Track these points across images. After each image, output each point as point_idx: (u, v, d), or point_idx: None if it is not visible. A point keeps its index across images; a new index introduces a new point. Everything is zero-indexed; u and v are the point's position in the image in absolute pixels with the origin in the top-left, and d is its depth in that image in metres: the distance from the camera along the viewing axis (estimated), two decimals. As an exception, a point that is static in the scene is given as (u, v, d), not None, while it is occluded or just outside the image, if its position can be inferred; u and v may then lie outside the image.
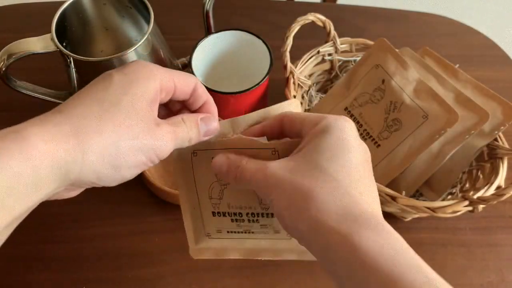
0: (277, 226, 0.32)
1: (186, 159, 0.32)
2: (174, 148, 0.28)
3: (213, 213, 0.33)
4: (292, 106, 0.33)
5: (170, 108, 0.33)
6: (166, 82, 0.28)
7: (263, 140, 0.30)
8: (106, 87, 0.27)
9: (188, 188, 0.33)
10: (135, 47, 0.45)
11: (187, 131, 0.29)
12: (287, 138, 0.31)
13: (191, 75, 0.31)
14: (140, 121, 0.26)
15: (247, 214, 0.32)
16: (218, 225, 0.34)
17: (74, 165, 0.24)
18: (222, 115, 0.50)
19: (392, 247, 0.24)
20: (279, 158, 0.29)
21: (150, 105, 0.27)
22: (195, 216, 0.34)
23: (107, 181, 0.26)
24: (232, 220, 0.33)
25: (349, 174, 0.26)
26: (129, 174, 0.27)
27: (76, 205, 0.52)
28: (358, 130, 0.51)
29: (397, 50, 0.52)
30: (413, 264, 0.23)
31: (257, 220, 0.32)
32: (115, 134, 0.25)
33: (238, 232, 0.34)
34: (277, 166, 0.27)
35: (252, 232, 0.33)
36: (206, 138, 0.30)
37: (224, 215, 0.33)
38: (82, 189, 0.29)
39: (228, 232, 0.34)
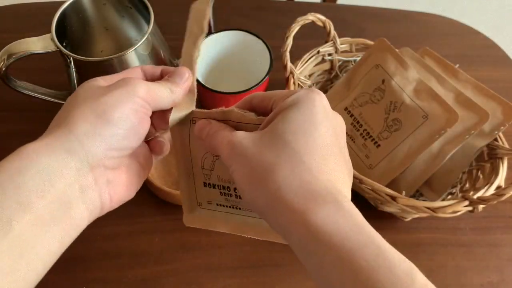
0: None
1: (185, 126, 0.32)
2: (153, 93, 0.30)
3: (204, 184, 0.33)
4: None
5: None
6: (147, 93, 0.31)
7: (253, 115, 0.30)
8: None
9: (184, 155, 0.33)
10: (135, 47, 0.45)
11: (164, 83, 0.31)
12: None
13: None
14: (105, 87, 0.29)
15: (235, 189, 0.32)
16: (208, 197, 0.34)
17: (74, 145, 0.26)
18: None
19: (347, 224, 0.23)
20: None
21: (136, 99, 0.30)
22: (189, 184, 0.34)
23: (118, 149, 0.28)
24: (220, 193, 0.33)
25: (313, 150, 0.26)
26: (131, 122, 0.28)
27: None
28: (358, 130, 0.52)
29: (397, 50, 0.52)
30: (368, 239, 0.23)
31: None
32: (87, 101, 0.28)
33: (226, 206, 0.34)
34: (242, 136, 0.27)
35: (239, 208, 0.33)
36: (185, 84, 0.32)
37: (214, 187, 0.33)
38: (122, 193, 0.31)
39: (217, 204, 0.34)
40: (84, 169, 0.27)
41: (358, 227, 0.24)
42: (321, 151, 0.26)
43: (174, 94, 0.31)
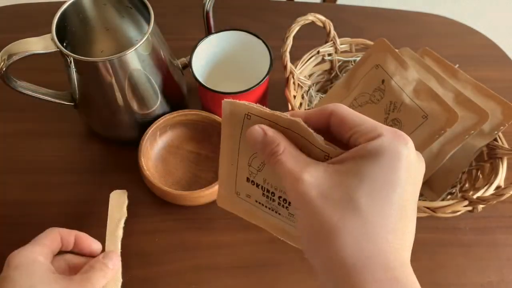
0: (297, 232, 0.31)
1: (238, 119, 0.30)
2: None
3: (247, 179, 0.32)
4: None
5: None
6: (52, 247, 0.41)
7: (321, 139, 0.27)
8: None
9: (231, 146, 0.31)
10: (135, 47, 0.45)
11: (100, 270, 0.40)
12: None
13: (53, 232, 0.42)
14: None
15: (280, 197, 0.31)
16: (249, 191, 0.32)
17: None
18: (220, 116, 0.50)
19: None
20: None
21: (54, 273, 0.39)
22: (230, 171, 0.32)
23: None
24: (263, 194, 0.32)
25: (386, 217, 0.23)
26: None
27: (76, 205, 0.53)
28: (358, 130, 0.51)
29: (397, 50, 0.52)
30: None
31: (287, 207, 0.31)
32: None
33: (266, 207, 0.32)
34: (311, 184, 0.24)
35: (279, 214, 0.32)
36: (115, 270, 0.42)
37: (257, 186, 0.31)
38: None
39: (256, 201, 0.33)
40: None
41: None
42: (395, 216, 0.23)
43: (105, 279, 0.41)
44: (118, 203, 0.50)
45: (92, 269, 0.40)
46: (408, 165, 0.24)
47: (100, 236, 0.50)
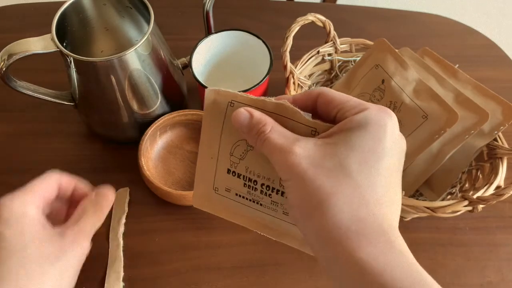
0: (287, 208, 0.31)
1: (221, 107, 0.29)
2: (92, 234, 0.36)
3: (228, 170, 0.31)
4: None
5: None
6: (45, 192, 0.37)
7: (308, 116, 0.27)
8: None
9: (212, 136, 0.31)
10: (135, 47, 0.45)
11: (93, 214, 0.37)
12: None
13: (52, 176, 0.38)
14: (36, 247, 0.33)
15: (262, 185, 0.30)
16: (228, 184, 0.32)
17: None
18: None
19: (398, 264, 0.23)
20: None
21: (44, 225, 0.35)
22: (209, 165, 0.32)
23: None
24: (244, 185, 0.31)
25: (376, 183, 0.24)
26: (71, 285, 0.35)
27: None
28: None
29: (397, 50, 0.52)
30: (419, 280, 0.22)
31: (270, 194, 0.31)
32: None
33: (246, 199, 0.32)
34: (302, 155, 0.25)
35: (260, 204, 0.31)
36: (108, 209, 0.38)
37: (238, 176, 0.31)
38: None
39: (236, 194, 0.32)
40: None
41: (409, 267, 0.23)
42: (383, 184, 0.25)
43: (100, 222, 0.38)
44: (120, 200, 0.52)
45: (85, 214, 0.37)
46: (393, 136, 0.25)
47: (100, 235, 0.50)
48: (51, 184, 0.38)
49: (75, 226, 0.36)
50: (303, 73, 0.56)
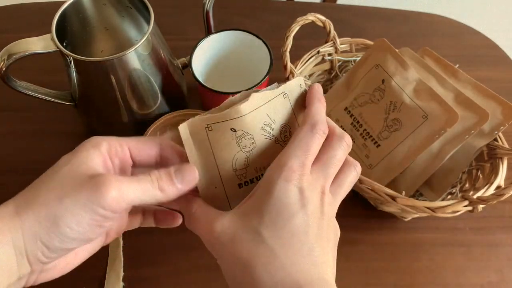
0: None
1: (201, 136, 0.30)
2: (129, 196, 0.26)
3: (240, 185, 0.31)
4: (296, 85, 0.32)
5: None
6: (115, 148, 0.29)
7: (275, 86, 0.29)
8: (53, 167, 0.28)
9: (207, 168, 0.30)
10: (135, 47, 0.45)
11: (150, 180, 0.27)
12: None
13: (154, 139, 0.31)
14: (72, 179, 0.26)
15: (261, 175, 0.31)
16: (243, 195, 0.31)
17: (18, 238, 0.25)
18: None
19: None
20: (289, 102, 0.30)
21: (92, 166, 0.27)
22: (217, 194, 0.32)
23: (55, 245, 0.26)
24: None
25: (287, 245, 0.26)
26: (75, 233, 0.25)
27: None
28: (358, 130, 0.52)
29: (397, 50, 0.52)
30: None
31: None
32: (47, 196, 0.25)
33: None
34: (221, 229, 0.27)
35: None
36: (184, 187, 0.29)
37: (252, 181, 0.31)
38: (56, 272, 0.30)
39: None
40: (21, 260, 0.25)
41: None
42: (295, 243, 0.26)
43: (162, 194, 0.28)
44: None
45: (141, 176, 0.28)
46: (296, 196, 0.27)
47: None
48: (147, 148, 0.31)
49: (118, 176, 0.27)
50: (303, 73, 0.56)
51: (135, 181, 0.27)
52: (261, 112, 0.29)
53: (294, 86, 0.32)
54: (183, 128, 0.30)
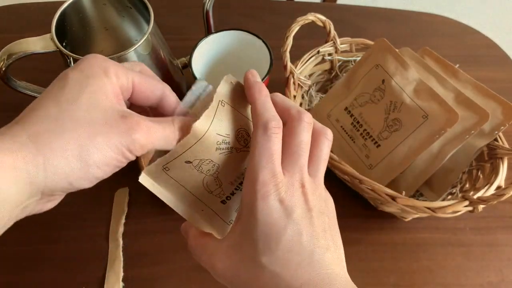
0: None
1: (163, 178, 0.30)
2: (154, 143, 0.26)
3: (223, 202, 0.32)
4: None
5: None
6: (121, 79, 0.26)
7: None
8: (62, 86, 0.25)
9: (185, 200, 0.31)
10: (135, 47, 0.45)
11: (173, 130, 0.27)
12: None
13: (161, 82, 0.29)
14: (101, 114, 0.24)
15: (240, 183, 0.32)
16: (235, 208, 0.33)
17: (37, 173, 0.22)
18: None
19: None
20: (230, 106, 0.29)
21: (111, 98, 0.25)
22: (207, 216, 0.32)
23: (79, 183, 0.24)
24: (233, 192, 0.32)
25: (286, 263, 0.26)
26: (102, 172, 0.25)
27: (76, 205, 0.53)
28: (358, 130, 0.51)
29: (397, 50, 0.52)
30: None
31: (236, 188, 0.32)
32: (75, 133, 0.23)
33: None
34: (222, 266, 0.28)
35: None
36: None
37: (233, 194, 0.32)
38: (60, 198, 0.28)
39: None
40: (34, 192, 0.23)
41: None
42: (294, 257, 0.26)
43: (175, 143, 0.28)
44: (120, 200, 0.52)
45: (165, 121, 0.27)
46: (281, 213, 0.26)
47: (100, 235, 0.50)
48: (151, 89, 0.28)
49: (147, 119, 0.26)
50: (303, 73, 0.56)
51: (161, 128, 0.26)
52: (210, 135, 0.28)
53: (225, 87, 0.30)
54: (144, 178, 0.30)
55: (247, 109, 0.30)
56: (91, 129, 0.23)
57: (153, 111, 0.30)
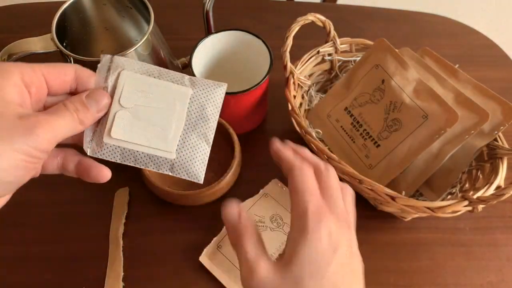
0: None
1: (220, 260, 0.45)
2: (59, 135, 0.27)
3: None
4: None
5: None
6: (29, 76, 0.26)
7: None
8: None
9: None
10: (135, 47, 0.45)
11: (70, 114, 0.27)
12: None
13: (69, 64, 0.29)
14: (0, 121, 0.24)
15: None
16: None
17: None
18: (222, 115, 0.50)
19: None
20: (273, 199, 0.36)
21: (10, 100, 0.25)
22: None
23: None
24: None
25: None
26: (12, 176, 0.25)
27: (76, 205, 0.53)
28: (358, 130, 0.52)
29: (397, 50, 0.52)
30: None
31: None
32: None
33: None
34: (266, 274, 0.28)
35: None
36: (100, 114, 0.29)
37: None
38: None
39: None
40: None
41: None
42: (338, 283, 0.28)
43: (83, 125, 0.28)
44: (120, 200, 0.52)
45: (60, 110, 0.27)
46: (328, 238, 0.28)
47: (100, 235, 0.50)
48: (63, 73, 0.29)
49: (44, 114, 0.26)
50: (303, 73, 0.56)
51: (60, 117, 0.27)
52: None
53: (272, 186, 0.39)
54: (203, 258, 0.45)
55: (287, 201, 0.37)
56: None
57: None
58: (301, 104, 0.57)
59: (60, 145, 0.29)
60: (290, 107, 0.51)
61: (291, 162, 0.31)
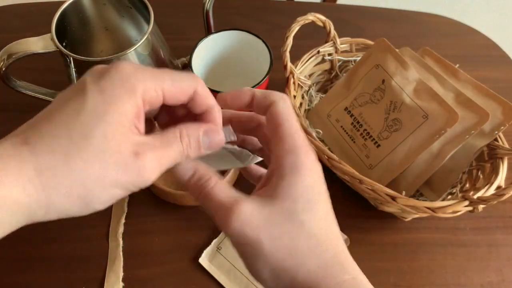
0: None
1: (219, 261, 0.46)
2: (162, 172, 0.26)
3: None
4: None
5: (174, 112, 0.29)
6: (150, 96, 0.24)
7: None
8: (77, 111, 0.23)
9: (241, 284, 0.45)
10: (135, 47, 0.45)
11: (182, 149, 0.26)
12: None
13: (193, 77, 0.27)
14: (113, 154, 0.23)
15: None
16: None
17: (38, 211, 0.22)
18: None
19: None
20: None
21: (128, 127, 0.24)
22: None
23: (76, 215, 0.24)
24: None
25: (324, 226, 0.26)
26: (103, 206, 0.24)
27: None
28: (358, 130, 0.52)
29: (397, 50, 0.52)
30: None
31: None
32: (84, 173, 0.22)
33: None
34: (250, 211, 0.25)
35: None
36: (207, 152, 0.27)
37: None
38: None
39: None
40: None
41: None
42: (328, 222, 0.27)
43: (184, 158, 0.27)
44: (120, 200, 0.52)
45: (173, 142, 0.26)
46: (320, 173, 0.27)
47: (99, 235, 0.50)
48: (182, 94, 0.26)
49: (157, 150, 0.25)
50: (303, 73, 0.56)
51: (172, 151, 0.25)
52: None
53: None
54: (203, 259, 0.46)
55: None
56: (101, 170, 0.22)
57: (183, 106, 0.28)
58: (301, 104, 0.57)
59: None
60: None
61: (271, 97, 0.28)
